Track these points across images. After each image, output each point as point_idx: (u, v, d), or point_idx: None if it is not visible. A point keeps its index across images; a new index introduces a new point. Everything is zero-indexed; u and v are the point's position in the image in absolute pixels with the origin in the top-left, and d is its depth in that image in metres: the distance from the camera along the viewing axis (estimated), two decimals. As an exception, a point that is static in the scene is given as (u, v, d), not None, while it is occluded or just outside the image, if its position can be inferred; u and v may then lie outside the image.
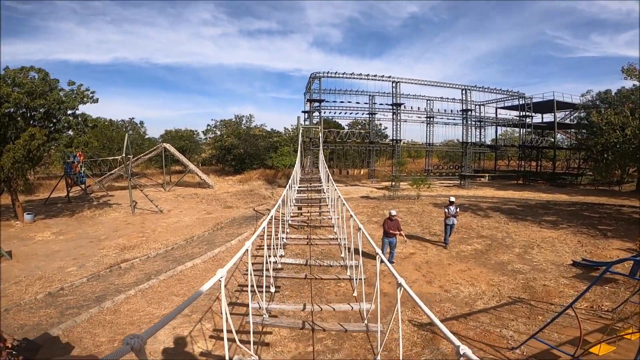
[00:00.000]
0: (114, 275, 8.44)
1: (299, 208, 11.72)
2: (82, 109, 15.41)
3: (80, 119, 15.39)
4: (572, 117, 32.09)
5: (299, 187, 12.34)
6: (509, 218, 14.22)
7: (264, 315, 4.10)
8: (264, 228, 4.47)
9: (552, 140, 33.29)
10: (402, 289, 2.65)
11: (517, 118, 32.46)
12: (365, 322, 4.04)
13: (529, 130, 32.03)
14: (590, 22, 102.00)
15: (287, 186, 8.70)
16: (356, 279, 4.99)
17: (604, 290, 7.08)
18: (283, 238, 6.94)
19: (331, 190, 8.63)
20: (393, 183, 25.71)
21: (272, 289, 5.28)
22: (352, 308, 4.53)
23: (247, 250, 3.31)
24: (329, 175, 9.05)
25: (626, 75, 17.15)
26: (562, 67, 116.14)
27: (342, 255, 6.14)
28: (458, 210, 10.32)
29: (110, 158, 23.59)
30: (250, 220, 14.12)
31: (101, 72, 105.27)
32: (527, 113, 31.01)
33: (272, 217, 5.33)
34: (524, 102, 30.99)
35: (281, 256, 6.26)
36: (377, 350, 3.50)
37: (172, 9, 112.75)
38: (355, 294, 5.01)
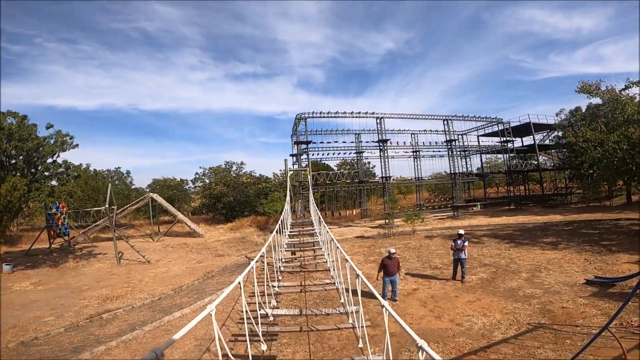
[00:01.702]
0: (94, 325, 7.64)
1: (293, 253, 11.26)
2: (63, 156, 14.83)
3: (63, 167, 14.71)
4: (550, 138, 32.66)
5: (290, 232, 11.84)
6: (509, 244, 13.92)
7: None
8: (253, 267, 4.10)
9: (535, 162, 33.52)
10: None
11: (499, 144, 33.06)
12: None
13: (512, 155, 32.56)
14: (547, 43, 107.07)
15: (275, 231, 8.19)
16: (359, 327, 4.45)
17: (628, 306, 6.64)
18: (275, 287, 6.41)
19: (324, 232, 8.22)
20: (387, 221, 25.38)
21: (264, 347, 4.68)
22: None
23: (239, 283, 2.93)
24: (320, 218, 8.73)
25: (585, 94, 17.48)
26: (532, 89, 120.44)
27: (342, 300, 5.63)
28: (466, 243, 9.79)
29: (93, 209, 22.76)
30: (242, 268, 13.35)
31: (88, 118, 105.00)
32: (508, 138, 31.60)
33: (257, 263, 4.93)
34: (502, 128, 31.66)
35: (274, 307, 5.70)
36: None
37: (160, 54, 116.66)
38: (360, 344, 4.45)
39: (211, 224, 32.71)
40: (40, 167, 13.48)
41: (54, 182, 14.94)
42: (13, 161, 12.77)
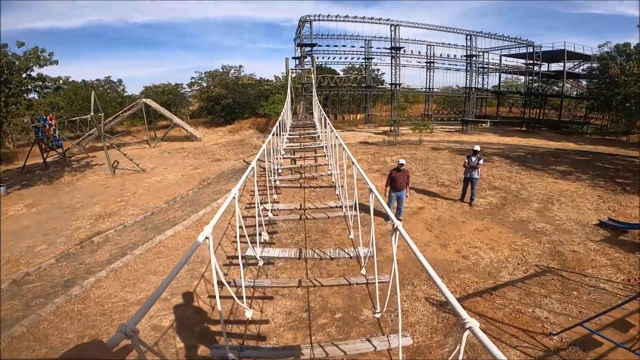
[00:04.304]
0: (85, 252, 7.44)
1: (293, 161, 10.40)
2: (43, 72, 14.22)
3: (39, 81, 14.03)
4: (582, 68, 30.96)
5: (290, 135, 10.57)
6: (520, 167, 13.18)
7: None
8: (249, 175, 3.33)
9: (558, 88, 32.02)
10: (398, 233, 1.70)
11: (523, 66, 30.88)
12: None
13: (534, 78, 30.46)
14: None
15: (272, 134, 6.64)
16: (363, 258, 3.56)
17: (636, 260, 6.21)
18: (268, 213, 5.06)
19: (330, 136, 6.93)
20: (392, 128, 24.37)
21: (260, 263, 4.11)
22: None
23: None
24: (325, 119, 7.50)
25: None
26: (566, 21, 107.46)
27: (351, 237, 4.70)
28: (481, 162, 8.91)
29: (77, 118, 21.64)
30: (240, 174, 12.91)
31: (74, 36, 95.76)
32: (536, 61, 29.36)
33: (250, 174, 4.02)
34: (532, 51, 29.12)
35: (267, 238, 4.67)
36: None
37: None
38: (363, 271, 3.79)
39: (210, 127, 31.95)
40: (13, 83, 12.84)
41: (34, 96, 14.36)
42: None
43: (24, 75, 13.22)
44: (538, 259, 6.33)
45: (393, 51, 27.35)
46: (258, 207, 3.85)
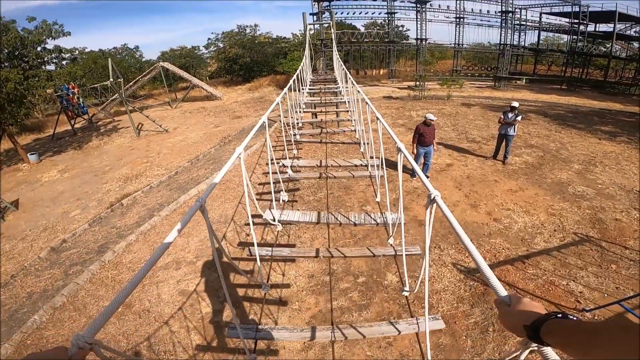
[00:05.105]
0: (116, 215, 7.69)
1: (313, 115, 10.06)
2: (56, 43, 14.54)
3: (55, 52, 14.46)
4: (635, 30, 27.81)
5: (310, 89, 10.17)
6: (560, 125, 12.19)
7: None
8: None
9: (605, 49, 28.71)
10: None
11: (567, 25, 27.71)
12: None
13: (578, 37, 27.36)
14: None
15: (287, 87, 5.70)
16: (391, 224, 3.24)
17: None
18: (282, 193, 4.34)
19: (351, 90, 6.31)
20: (417, 83, 23.14)
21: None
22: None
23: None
24: (347, 74, 7.00)
25: None
26: None
27: (377, 200, 4.07)
28: (519, 118, 8.17)
29: (98, 85, 21.88)
30: (260, 129, 12.73)
31: (87, 8, 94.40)
32: (582, 21, 26.33)
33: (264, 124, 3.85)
34: (578, 9, 26.02)
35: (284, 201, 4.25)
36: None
37: None
38: (391, 240, 3.42)
39: (229, 85, 31.85)
40: (30, 56, 13.18)
41: (51, 67, 14.93)
42: (2, 55, 12.52)
43: (39, 49, 13.49)
44: (577, 226, 5.90)
45: (418, 5, 25.35)
46: (270, 166, 3.66)
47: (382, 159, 3.36)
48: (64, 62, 15.27)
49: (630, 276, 4.67)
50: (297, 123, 6.37)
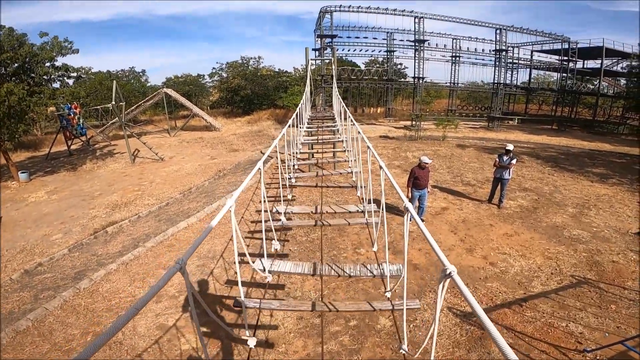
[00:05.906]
0: (99, 242, 7.40)
1: (310, 155, 9.97)
2: (64, 61, 15.05)
3: (62, 70, 14.41)
4: (621, 66, 29.31)
5: (307, 127, 10.12)
6: (552, 168, 12.35)
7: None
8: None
9: (593, 86, 30.33)
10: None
11: (557, 62, 29.16)
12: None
13: (566, 75, 28.67)
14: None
15: (287, 124, 6.22)
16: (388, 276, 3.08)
17: None
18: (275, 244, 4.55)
19: (350, 129, 6.35)
20: (414, 122, 23.65)
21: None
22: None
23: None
24: (346, 111, 7.02)
25: None
26: (603, 17, 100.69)
27: (374, 249, 3.93)
28: (514, 162, 8.20)
29: (100, 107, 22.14)
30: (255, 166, 12.72)
31: (103, 28, 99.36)
32: (571, 58, 27.63)
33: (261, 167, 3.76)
34: (567, 47, 27.41)
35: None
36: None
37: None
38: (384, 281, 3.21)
39: (229, 117, 32.23)
40: (38, 72, 13.26)
41: (56, 85, 14.70)
42: (6, 69, 12.64)
43: (47, 65, 13.54)
44: (574, 268, 5.77)
45: (417, 44, 26.52)
46: (263, 214, 3.53)
47: (382, 208, 3.19)
48: (69, 81, 15.21)
49: (631, 315, 4.56)
50: (294, 165, 6.28)
